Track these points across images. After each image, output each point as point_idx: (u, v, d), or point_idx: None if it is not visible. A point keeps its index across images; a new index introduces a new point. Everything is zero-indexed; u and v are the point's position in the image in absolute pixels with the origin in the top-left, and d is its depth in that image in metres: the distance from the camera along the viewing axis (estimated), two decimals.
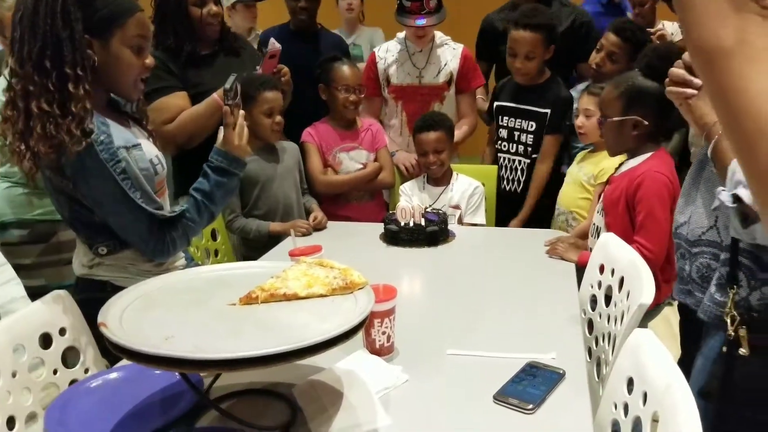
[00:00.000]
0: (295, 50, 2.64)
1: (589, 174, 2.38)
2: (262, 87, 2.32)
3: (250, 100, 2.26)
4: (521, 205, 2.73)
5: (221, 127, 1.62)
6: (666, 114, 1.89)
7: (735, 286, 1.18)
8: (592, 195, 2.36)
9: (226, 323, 1.07)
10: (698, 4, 0.44)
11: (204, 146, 2.24)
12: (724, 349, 1.19)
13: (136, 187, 1.43)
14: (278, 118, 2.36)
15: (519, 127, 2.74)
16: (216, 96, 2.25)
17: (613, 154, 2.05)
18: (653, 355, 1.09)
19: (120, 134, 1.44)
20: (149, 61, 1.50)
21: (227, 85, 1.59)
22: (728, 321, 1.18)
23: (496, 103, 2.82)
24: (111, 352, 1.37)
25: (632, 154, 1.96)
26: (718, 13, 0.43)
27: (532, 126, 2.69)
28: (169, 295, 1.18)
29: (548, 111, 2.64)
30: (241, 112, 1.63)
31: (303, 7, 2.87)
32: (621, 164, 2.02)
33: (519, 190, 2.78)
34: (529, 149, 2.72)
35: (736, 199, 1.07)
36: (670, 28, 3.25)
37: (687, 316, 1.65)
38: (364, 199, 2.78)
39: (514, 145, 2.77)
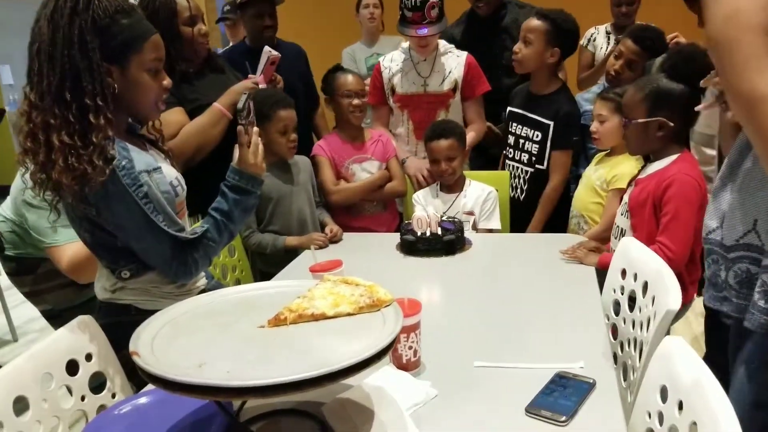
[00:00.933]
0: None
1: (602, 179, 2.37)
2: (277, 105, 2.34)
3: (265, 119, 2.28)
4: (525, 212, 2.73)
5: (236, 146, 1.63)
6: (691, 115, 1.89)
7: None
8: (603, 200, 2.36)
9: (257, 347, 1.06)
10: (738, 60, 0.46)
11: (208, 164, 2.26)
12: None
13: (158, 210, 1.43)
14: (293, 135, 2.38)
15: (525, 135, 2.74)
16: (218, 105, 2.27)
17: (636, 154, 2.04)
18: (686, 363, 1.08)
19: (141, 158, 1.44)
20: (167, 82, 1.51)
21: (239, 105, 1.60)
22: None
23: (508, 109, 2.82)
24: (138, 375, 1.39)
25: (656, 156, 1.96)
26: (759, 66, 0.45)
27: (537, 136, 2.68)
28: (196, 319, 1.18)
29: (551, 123, 2.63)
30: (256, 129, 1.64)
31: (268, 26, 2.90)
32: (644, 166, 2.01)
33: (522, 198, 2.78)
34: (533, 158, 2.71)
35: None
36: None
37: (715, 319, 1.63)
38: (377, 210, 2.79)
39: (519, 153, 2.77)
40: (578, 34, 2.64)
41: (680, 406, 1.04)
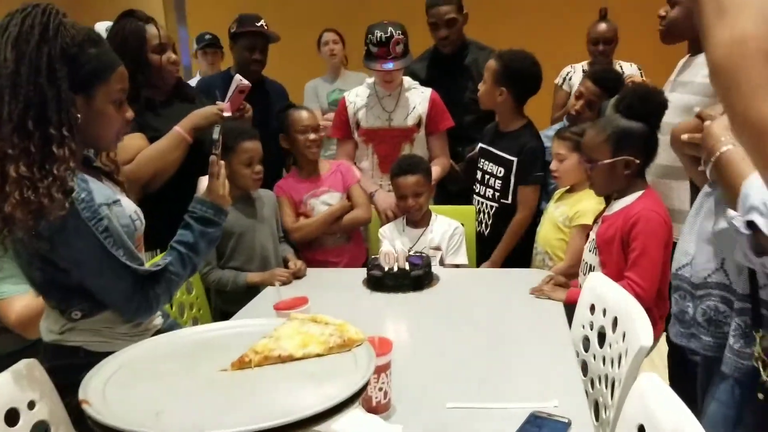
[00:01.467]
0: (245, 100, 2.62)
1: (564, 215, 2.39)
2: (241, 137, 2.30)
3: (229, 151, 2.23)
4: (489, 247, 2.71)
5: (201, 178, 1.59)
6: (652, 151, 1.91)
7: (760, 329, 1.15)
8: (567, 236, 2.37)
9: (220, 393, 1.00)
10: (746, 91, 0.44)
11: (165, 195, 2.19)
12: (760, 396, 1.16)
13: (118, 244, 1.36)
14: (258, 167, 2.33)
15: (490, 171, 2.75)
16: (179, 128, 2.21)
17: (602, 194, 2.06)
18: (664, 401, 1.05)
19: (100, 191, 1.37)
20: (129, 114, 1.46)
21: (215, 135, 1.57)
22: (760, 366, 1.14)
23: (479, 145, 2.83)
24: (85, 423, 1.29)
25: (621, 194, 1.98)
26: (766, 96, 0.43)
27: (500, 171, 2.69)
28: (153, 363, 1.11)
29: (515, 159, 2.64)
30: (221, 162, 1.60)
31: (257, 60, 2.91)
32: (611, 203, 2.02)
33: (486, 233, 2.77)
34: (497, 194, 2.72)
35: (751, 225, 1.04)
36: (628, 70, 3.39)
37: (679, 355, 1.62)
38: (339, 242, 2.74)
39: (485, 188, 2.78)
40: (534, 75, 2.64)
41: None
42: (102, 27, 2.49)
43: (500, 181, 2.69)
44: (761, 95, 0.44)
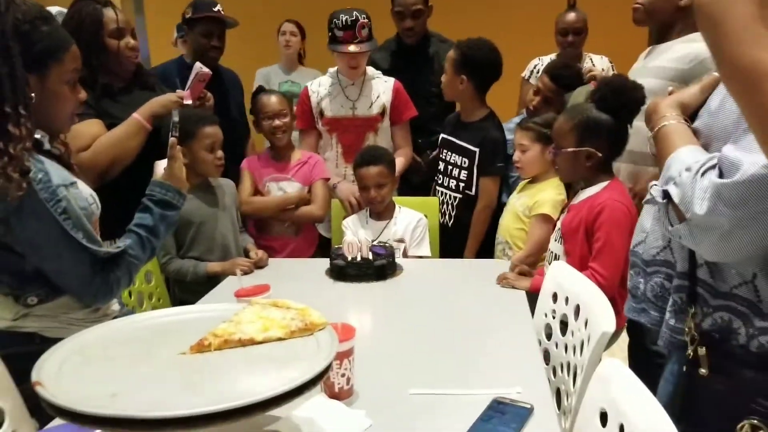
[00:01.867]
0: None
1: (524, 205, 2.40)
2: (202, 122, 2.26)
3: (190, 136, 2.20)
4: (453, 238, 2.72)
5: (157, 162, 1.56)
6: (618, 146, 1.93)
7: (694, 306, 1.17)
8: (526, 226, 2.39)
9: (178, 376, 0.97)
10: (732, 32, 0.43)
11: (117, 184, 2.13)
12: (684, 368, 1.18)
13: (78, 227, 1.33)
14: (219, 152, 2.30)
15: (453, 162, 2.75)
16: (137, 116, 2.15)
17: (567, 181, 2.08)
18: (626, 385, 1.06)
19: (57, 172, 1.33)
20: (82, 95, 1.44)
21: (175, 118, 1.56)
22: (688, 340, 1.17)
23: (441, 136, 2.84)
24: (41, 411, 1.24)
25: (587, 183, 1.99)
26: (755, 39, 0.42)
27: (465, 162, 2.70)
28: (109, 346, 1.07)
29: (477, 150, 2.65)
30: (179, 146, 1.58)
31: (215, 46, 2.83)
32: (578, 193, 2.04)
33: (450, 224, 2.78)
34: (461, 185, 2.72)
35: (666, 195, 1.06)
36: (599, 63, 3.33)
37: (636, 339, 1.65)
38: (287, 232, 2.73)
39: (448, 179, 2.78)
40: (492, 61, 2.65)
41: (621, 430, 1.02)
42: (53, 11, 2.41)
43: (465, 172, 2.70)
44: (749, 38, 0.42)
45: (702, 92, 1.23)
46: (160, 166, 1.58)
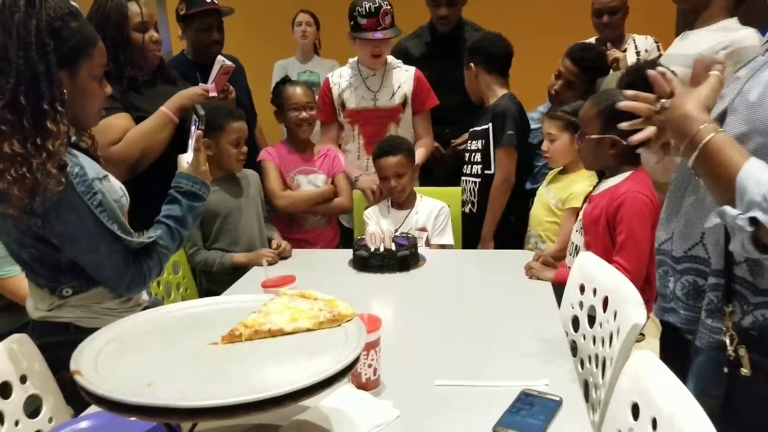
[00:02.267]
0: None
1: (557, 198, 2.37)
2: (230, 116, 2.29)
3: (218, 130, 2.23)
4: (477, 226, 2.71)
5: (180, 156, 1.59)
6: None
7: (731, 305, 1.15)
8: (559, 219, 2.36)
9: (210, 365, 0.98)
10: None
11: (142, 177, 2.15)
12: (726, 370, 1.16)
13: (112, 218, 1.35)
14: (244, 148, 2.33)
15: (473, 148, 2.76)
16: (165, 109, 2.17)
17: (591, 169, 2.04)
18: (658, 378, 1.05)
19: (91, 165, 1.36)
20: (108, 89, 1.45)
21: (201, 111, 1.59)
22: (727, 341, 1.15)
23: (471, 130, 2.83)
24: (76, 399, 1.27)
25: (611, 173, 1.95)
26: None
27: (482, 143, 2.70)
28: (143, 336, 1.09)
29: (488, 126, 2.65)
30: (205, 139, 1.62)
31: (216, 40, 2.79)
32: (599, 183, 2.01)
33: (474, 210, 2.76)
34: (480, 167, 2.73)
35: (753, 222, 0.98)
36: (642, 44, 3.14)
37: (669, 334, 1.62)
38: (320, 224, 2.74)
39: (470, 166, 2.78)
40: (489, 37, 2.70)
41: (654, 424, 1.01)
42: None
43: (479, 155, 2.71)
44: None
45: (715, 93, 1.18)
46: (183, 159, 1.60)
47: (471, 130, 2.79)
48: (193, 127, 1.64)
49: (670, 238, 1.40)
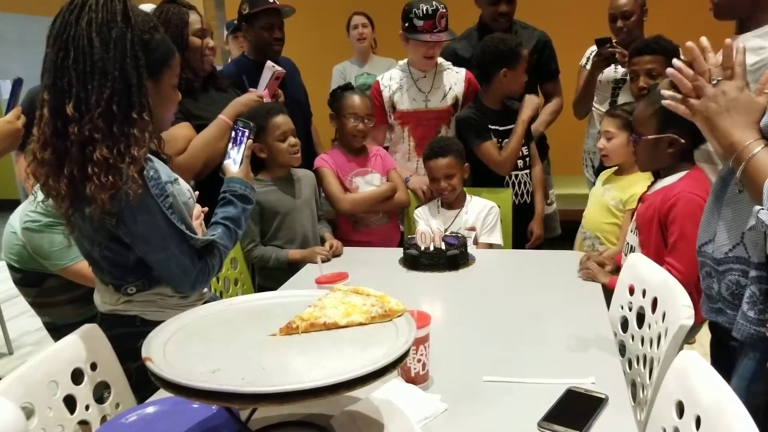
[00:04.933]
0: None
1: (616, 199, 2.33)
2: (269, 114, 2.35)
3: (261, 130, 2.27)
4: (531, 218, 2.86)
5: (226, 162, 1.69)
6: (701, 134, 1.87)
7: None
8: (620, 220, 2.32)
9: (269, 355, 1.05)
10: None
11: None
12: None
13: (181, 220, 1.42)
14: (293, 140, 2.37)
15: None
16: (224, 117, 2.27)
17: (646, 170, 2.01)
18: (704, 378, 1.06)
19: (163, 169, 1.43)
20: (179, 96, 1.52)
21: (250, 122, 1.69)
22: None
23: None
24: (141, 388, 1.36)
25: (666, 173, 1.93)
26: None
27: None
28: (208, 327, 1.16)
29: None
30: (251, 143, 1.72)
31: (278, 38, 2.81)
32: (654, 182, 1.99)
33: (528, 201, 2.89)
34: (526, 161, 2.88)
35: None
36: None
37: (718, 336, 1.62)
38: (382, 222, 2.79)
39: (520, 161, 2.86)
40: (495, 38, 2.75)
41: (698, 423, 1.03)
42: (147, 8, 2.55)
43: (525, 147, 2.85)
44: None
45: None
46: (230, 165, 1.68)
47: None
48: (233, 134, 1.71)
49: (711, 240, 1.40)
